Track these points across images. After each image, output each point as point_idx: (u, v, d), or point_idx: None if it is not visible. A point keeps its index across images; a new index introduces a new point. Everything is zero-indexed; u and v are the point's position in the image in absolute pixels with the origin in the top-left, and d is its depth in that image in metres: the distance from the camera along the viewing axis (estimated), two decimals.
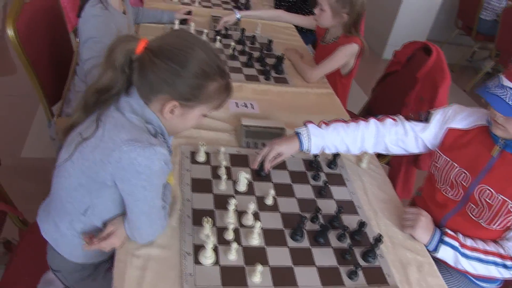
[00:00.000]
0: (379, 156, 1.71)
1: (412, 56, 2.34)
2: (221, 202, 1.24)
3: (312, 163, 1.48)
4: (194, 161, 1.39)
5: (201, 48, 0.99)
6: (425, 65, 2.15)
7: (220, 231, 1.15)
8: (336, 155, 1.49)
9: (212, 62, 0.99)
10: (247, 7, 2.71)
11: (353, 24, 1.97)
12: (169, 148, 1.11)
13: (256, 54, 2.08)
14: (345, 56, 1.99)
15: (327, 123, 1.39)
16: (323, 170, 1.47)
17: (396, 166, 2.24)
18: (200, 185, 1.29)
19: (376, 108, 2.40)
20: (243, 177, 1.29)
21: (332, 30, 2.08)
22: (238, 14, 2.29)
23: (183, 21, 2.29)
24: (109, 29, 1.73)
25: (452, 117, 1.34)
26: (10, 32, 1.59)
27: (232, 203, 1.17)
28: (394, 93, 2.36)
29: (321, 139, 1.36)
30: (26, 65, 1.67)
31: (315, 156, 1.46)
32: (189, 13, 2.28)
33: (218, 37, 2.15)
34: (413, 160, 2.24)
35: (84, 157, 0.98)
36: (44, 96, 1.79)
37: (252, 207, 1.18)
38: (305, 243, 1.19)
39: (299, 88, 1.90)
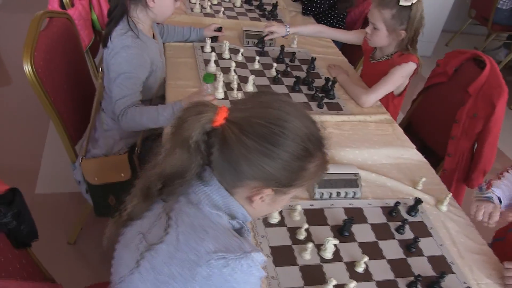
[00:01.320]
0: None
1: (460, 67, 2.18)
2: (309, 274, 1.09)
3: (393, 212, 1.33)
4: (267, 223, 1.23)
5: (298, 118, 0.78)
6: (477, 79, 2.00)
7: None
8: (417, 201, 1.34)
9: (312, 136, 0.79)
10: (273, 15, 2.52)
11: (410, 41, 1.81)
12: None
13: (300, 74, 1.90)
14: (401, 77, 1.82)
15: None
16: (405, 218, 1.32)
17: (446, 182, 2.09)
18: (282, 256, 1.14)
19: (420, 122, 2.25)
20: (331, 243, 1.14)
21: (385, 47, 1.91)
22: (288, 29, 2.07)
23: (214, 38, 2.09)
24: (143, 61, 1.55)
25: None
26: (27, 67, 1.39)
27: (331, 284, 1.02)
28: (439, 107, 2.20)
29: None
30: (47, 105, 1.49)
31: (396, 204, 1.32)
32: (219, 29, 2.08)
33: (257, 58, 1.96)
34: (464, 178, 2.11)
35: (156, 270, 0.77)
36: (67, 136, 1.61)
37: (353, 285, 1.04)
38: None
39: (356, 115, 1.74)
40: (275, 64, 1.92)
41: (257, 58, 1.97)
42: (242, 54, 1.99)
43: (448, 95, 2.18)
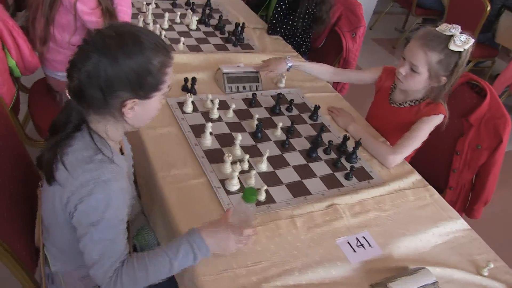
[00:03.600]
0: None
1: (453, 91, 2.03)
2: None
3: None
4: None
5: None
6: (479, 108, 1.87)
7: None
8: None
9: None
10: (239, 39, 2.11)
11: (444, 89, 1.57)
12: None
13: (304, 129, 1.58)
14: (430, 131, 1.60)
15: None
16: None
17: None
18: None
19: (417, 158, 2.06)
20: None
21: (411, 91, 1.65)
22: (290, 63, 1.73)
23: (191, 90, 1.65)
24: (126, 195, 1.02)
25: None
26: None
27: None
28: (436, 135, 2.05)
29: None
30: None
31: None
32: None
33: (251, 111, 1.58)
34: (463, 208, 2.03)
35: None
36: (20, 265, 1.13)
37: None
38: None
39: (389, 184, 1.48)
40: (280, 124, 1.56)
41: (251, 111, 1.59)
42: (233, 111, 1.59)
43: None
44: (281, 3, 2.23)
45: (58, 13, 1.74)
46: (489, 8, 3.54)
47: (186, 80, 1.66)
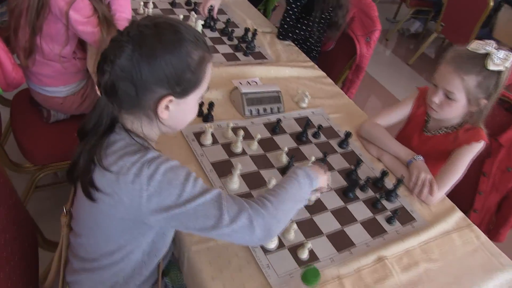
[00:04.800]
0: None
1: None
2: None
3: None
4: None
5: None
6: (510, 128, 1.75)
7: None
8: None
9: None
10: (250, 47, 1.89)
11: (483, 112, 1.43)
12: None
13: (339, 161, 1.41)
14: (471, 160, 1.46)
15: None
16: None
17: None
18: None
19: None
20: None
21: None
22: None
23: (207, 116, 1.44)
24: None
25: None
26: None
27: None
28: None
29: None
30: None
31: None
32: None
33: (275, 138, 1.39)
34: (487, 230, 1.93)
35: None
36: None
37: None
38: None
39: (434, 226, 1.33)
40: (312, 158, 1.38)
41: (276, 140, 1.41)
42: (258, 143, 1.40)
43: None
44: (293, 6, 2.02)
45: (46, 21, 1.48)
46: (492, 3, 3.43)
47: (201, 104, 1.45)
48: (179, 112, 0.90)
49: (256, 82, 1.71)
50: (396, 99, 3.64)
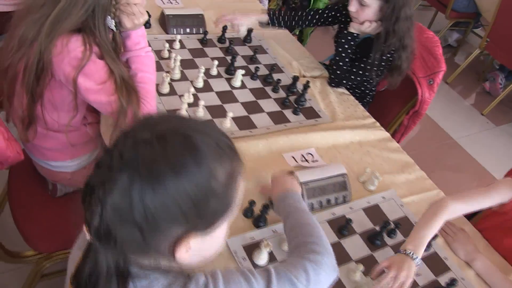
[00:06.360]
0: None
1: None
2: None
3: None
4: None
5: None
6: None
7: None
8: None
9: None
10: (300, 102, 1.54)
11: None
12: None
13: (426, 274, 1.08)
14: None
15: None
16: None
17: None
18: None
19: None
20: None
21: None
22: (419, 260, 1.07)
23: None
24: None
25: None
26: None
27: None
28: None
29: None
30: None
31: None
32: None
33: (361, 269, 1.05)
34: None
35: None
36: None
37: None
38: None
39: None
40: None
41: (344, 245, 1.06)
42: None
43: None
44: (346, 47, 1.67)
45: (48, 88, 1.14)
46: None
47: (251, 203, 1.11)
48: (203, 248, 0.66)
49: (312, 155, 1.37)
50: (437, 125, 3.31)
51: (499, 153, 3.33)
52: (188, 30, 1.73)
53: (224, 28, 1.73)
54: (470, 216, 1.53)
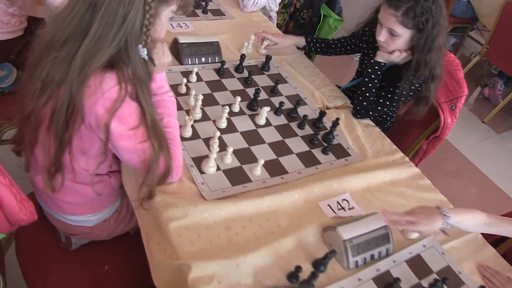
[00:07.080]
0: None
1: None
2: None
3: None
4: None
5: None
6: None
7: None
8: None
9: None
10: (329, 139, 1.46)
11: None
12: None
13: None
14: None
15: None
16: None
17: None
18: None
19: None
20: None
21: None
22: (450, 219, 1.12)
23: None
24: None
25: None
26: None
27: None
28: None
29: None
30: None
31: None
32: None
33: None
34: None
35: None
36: None
37: None
38: None
39: None
40: None
41: None
42: None
43: None
44: (372, 77, 1.59)
45: (77, 134, 1.03)
46: None
47: (298, 268, 1.03)
48: None
49: (347, 201, 1.29)
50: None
51: (508, 165, 3.30)
52: (203, 59, 1.63)
53: (242, 57, 1.63)
54: (495, 243, 1.48)
